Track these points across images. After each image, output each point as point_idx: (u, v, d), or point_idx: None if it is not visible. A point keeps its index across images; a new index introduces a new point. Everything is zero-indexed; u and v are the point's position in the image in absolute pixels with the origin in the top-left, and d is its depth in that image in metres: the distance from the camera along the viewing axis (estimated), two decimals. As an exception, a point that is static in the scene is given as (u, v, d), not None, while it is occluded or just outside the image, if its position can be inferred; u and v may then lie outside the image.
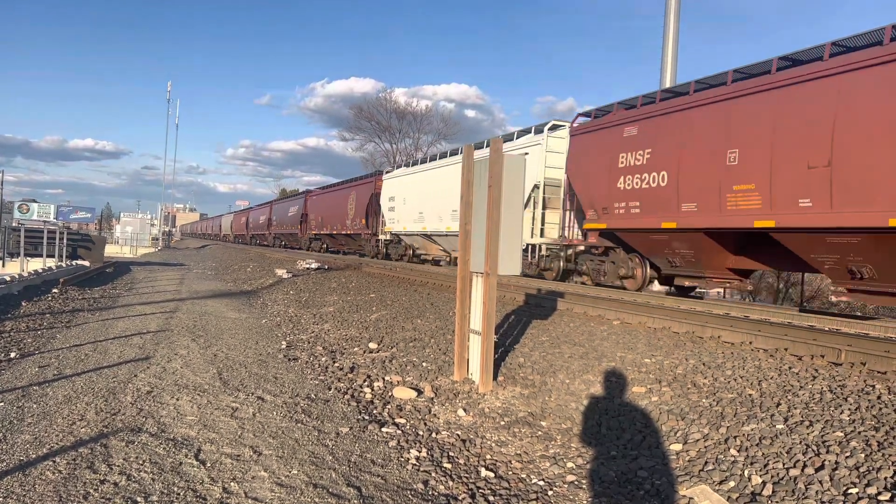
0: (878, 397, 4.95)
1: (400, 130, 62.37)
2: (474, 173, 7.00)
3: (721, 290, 18.56)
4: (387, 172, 28.94)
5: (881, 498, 3.59)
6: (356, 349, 9.02)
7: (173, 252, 48.20)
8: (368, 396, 6.59)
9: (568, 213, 15.12)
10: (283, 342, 9.70)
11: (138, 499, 3.89)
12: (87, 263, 22.63)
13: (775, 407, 5.10)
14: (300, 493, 4.11)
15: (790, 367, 5.98)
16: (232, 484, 4.18)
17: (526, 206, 16.93)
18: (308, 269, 21.23)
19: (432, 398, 6.50)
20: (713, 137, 10.67)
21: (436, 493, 4.24)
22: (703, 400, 5.60)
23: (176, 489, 4.05)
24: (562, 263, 16.18)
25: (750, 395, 5.48)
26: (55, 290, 14.32)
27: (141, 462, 4.47)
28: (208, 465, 4.50)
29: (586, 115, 14.43)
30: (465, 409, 6.12)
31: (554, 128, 16.53)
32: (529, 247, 16.33)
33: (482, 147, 18.15)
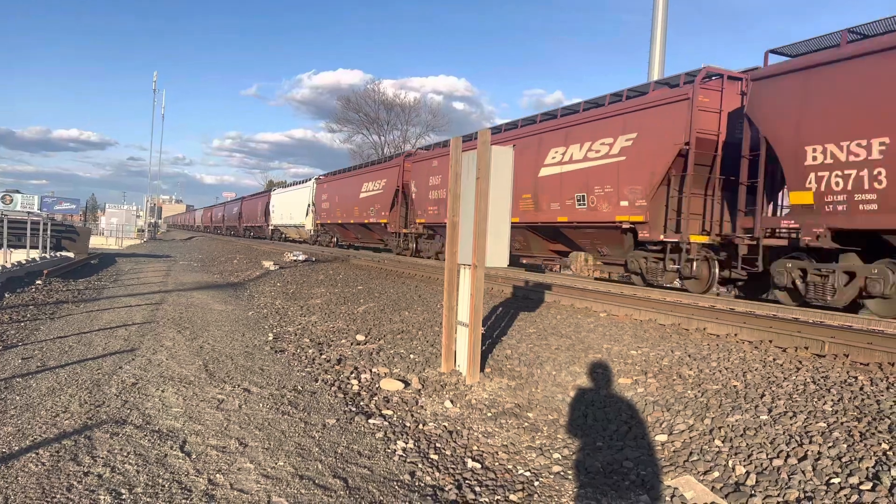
0: (861, 388, 5.00)
1: (388, 122, 62.29)
2: (462, 165, 6.99)
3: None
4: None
5: (863, 487, 3.63)
6: (343, 341, 9.00)
7: (159, 244, 47.87)
8: (355, 388, 6.58)
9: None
10: (270, 334, 9.66)
11: (122, 491, 3.86)
12: (71, 255, 22.42)
13: (759, 398, 5.15)
14: (286, 484, 4.10)
15: (774, 359, 6.04)
16: (217, 476, 4.17)
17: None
18: (295, 261, 21.16)
19: (419, 390, 6.51)
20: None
21: (422, 485, 4.24)
22: (689, 391, 5.64)
23: (161, 481, 4.03)
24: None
25: (735, 386, 5.52)
26: (39, 282, 14.18)
27: (125, 454, 4.44)
28: (193, 456, 4.48)
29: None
30: (452, 401, 6.12)
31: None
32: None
33: (470, 139, 18.06)
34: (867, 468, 3.81)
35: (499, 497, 4.14)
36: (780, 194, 11.46)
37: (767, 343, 6.62)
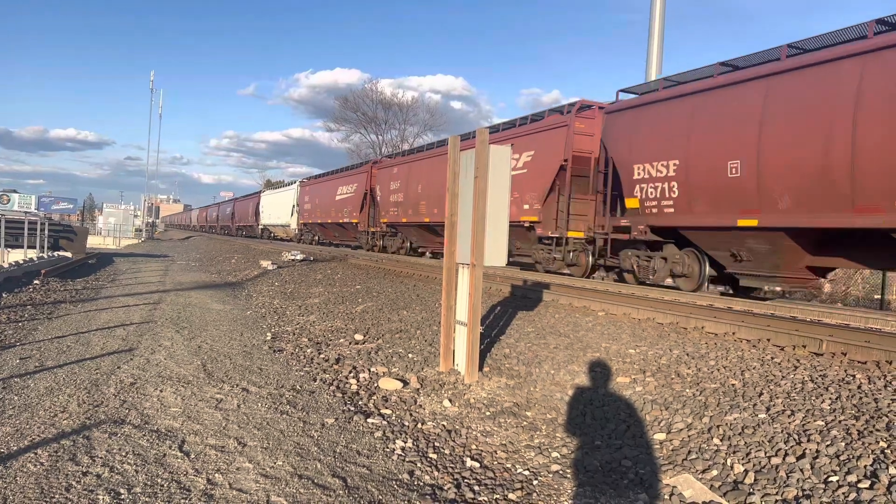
0: (859, 387, 5.01)
1: (386, 121, 62.25)
2: (460, 164, 6.99)
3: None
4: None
5: (861, 485, 3.64)
6: (342, 340, 9.00)
7: (157, 243, 47.81)
8: (354, 387, 6.58)
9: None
10: (268, 333, 9.66)
11: (121, 490, 3.86)
12: (69, 255, 22.38)
13: (758, 396, 5.16)
14: (285, 483, 4.10)
15: (772, 358, 6.05)
16: (216, 475, 4.17)
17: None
18: (293, 260, 21.15)
19: (418, 389, 6.51)
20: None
21: (421, 484, 4.24)
22: (687, 390, 5.65)
23: (160, 481, 4.03)
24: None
25: (733, 384, 5.53)
26: (36, 282, 14.16)
27: (124, 454, 4.44)
28: (192, 456, 4.48)
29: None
30: (450, 400, 6.13)
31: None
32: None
33: (468, 138, 18.27)
34: (865, 466, 3.82)
35: (498, 496, 4.14)
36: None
37: (765, 341, 6.63)
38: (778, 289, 11.62)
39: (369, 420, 5.50)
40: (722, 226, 10.55)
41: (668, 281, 12.50)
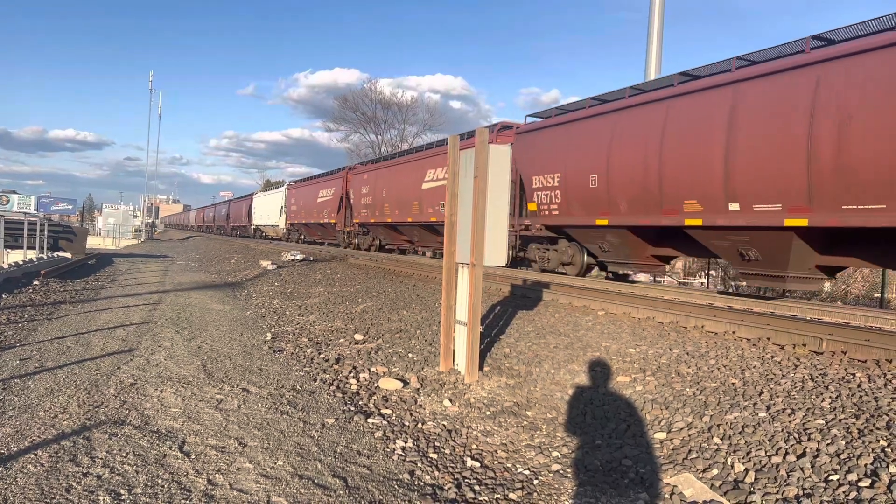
0: (859, 385, 5.01)
1: (385, 121, 62.21)
2: (460, 164, 6.99)
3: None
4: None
5: (861, 484, 3.64)
6: (342, 340, 9.00)
7: (157, 244, 47.78)
8: (354, 387, 6.58)
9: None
10: (268, 334, 9.66)
11: (122, 491, 3.86)
12: (68, 255, 22.38)
13: (758, 395, 5.16)
14: (285, 484, 4.10)
15: (772, 356, 6.05)
16: (217, 476, 4.17)
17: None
18: (293, 260, 21.14)
19: (418, 389, 6.51)
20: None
21: (422, 483, 4.24)
22: (687, 389, 5.65)
23: (160, 481, 4.03)
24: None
25: (733, 383, 5.53)
26: (36, 283, 14.15)
27: (124, 454, 4.44)
28: (193, 457, 4.48)
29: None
30: (450, 400, 6.13)
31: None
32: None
33: (468, 138, 18.70)
34: (865, 465, 3.82)
35: (498, 496, 4.14)
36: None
37: (765, 340, 6.63)
38: (631, 273, 14.43)
39: (369, 420, 5.50)
40: (588, 224, 13.54)
41: (560, 268, 15.28)
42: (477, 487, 4.24)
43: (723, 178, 10.13)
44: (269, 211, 46.24)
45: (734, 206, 10.03)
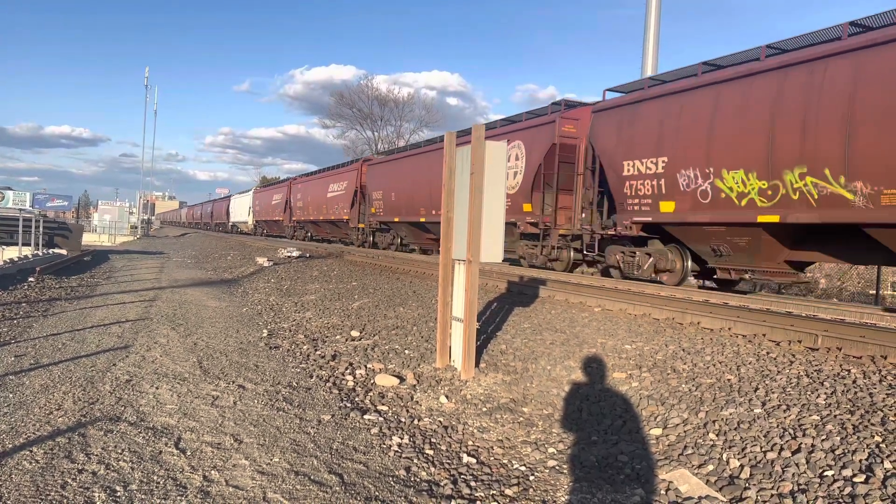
0: (854, 381, 5.03)
1: (382, 118, 62.07)
2: (456, 161, 6.98)
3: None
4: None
5: (856, 480, 3.65)
6: (338, 337, 9.00)
7: (152, 240, 47.68)
8: (350, 384, 6.58)
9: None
10: (265, 330, 9.65)
11: (117, 488, 3.85)
12: (64, 252, 22.29)
13: (753, 392, 5.17)
14: (281, 480, 4.09)
15: (768, 353, 6.06)
16: (213, 472, 4.16)
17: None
18: (289, 257, 21.11)
19: (414, 385, 6.51)
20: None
21: (418, 480, 4.25)
22: (683, 385, 5.66)
23: (156, 478, 4.02)
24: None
25: (728, 380, 5.54)
26: (31, 279, 14.11)
27: (120, 451, 4.43)
28: (188, 453, 4.47)
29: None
30: (447, 396, 6.13)
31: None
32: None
33: (465, 135, 18.29)
34: (860, 461, 3.83)
35: (494, 492, 4.14)
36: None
37: (761, 337, 6.64)
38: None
39: (366, 416, 5.50)
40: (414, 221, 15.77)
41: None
42: (473, 483, 4.24)
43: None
44: (242, 210, 52.87)
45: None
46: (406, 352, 7.81)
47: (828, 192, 8.57)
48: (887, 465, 3.73)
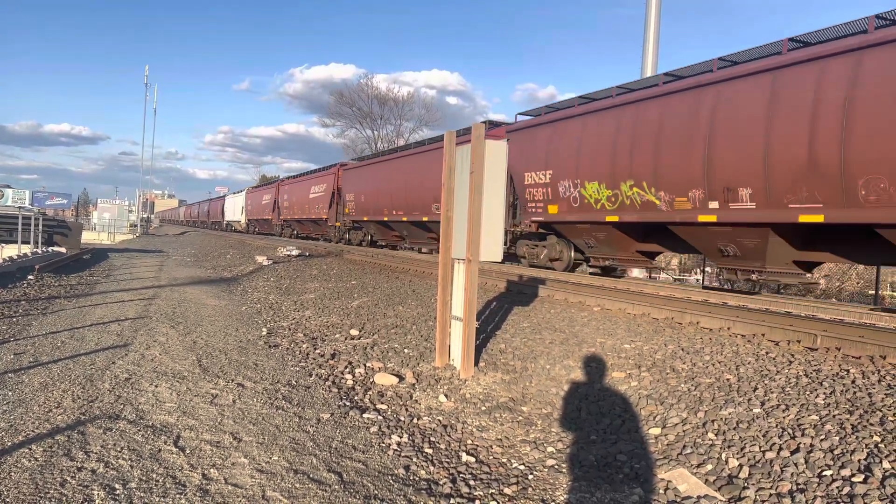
0: (853, 381, 5.03)
1: (381, 117, 62.00)
2: (456, 160, 6.98)
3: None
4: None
5: (855, 479, 3.66)
6: (337, 336, 9.00)
7: (152, 239, 47.66)
8: (350, 383, 6.58)
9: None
10: (264, 329, 9.65)
11: (116, 486, 3.85)
12: (63, 250, 22.29)
13: (752, 391, 5.17)
14: (281, 478, 4.09)
15: (767, 353, 6.06)
16: (212, 470, 4.16)
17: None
18: (289, 256, 21.10)
19: (414, 384, 6.51)
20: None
21: (417, 479, 4.25)
22: (682, 385, 5.66)
23: (155, 476, 4.02)
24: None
25: (728, 379, 5.55)
26: (31, 277, 14.10)
27: (119, 449, 4.43)
28: (188, 451, 4.47)
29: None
30: (446, 395, 6.13)
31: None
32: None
33: (464, 134, 18.48)
34: (859, 460, 3.84)
35: (493, 490, 4.14)
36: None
37: (760, 337, 6.65)
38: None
39: (365, 415, 5.50)
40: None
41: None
42: (472, 482, 4.24)
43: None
44: (235, 209, 56.18)
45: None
46: (405, 351, 7.81)
47: (646, 199, 11.23)
48: (886, 464, 3.73)
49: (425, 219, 19.97)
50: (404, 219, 21.48)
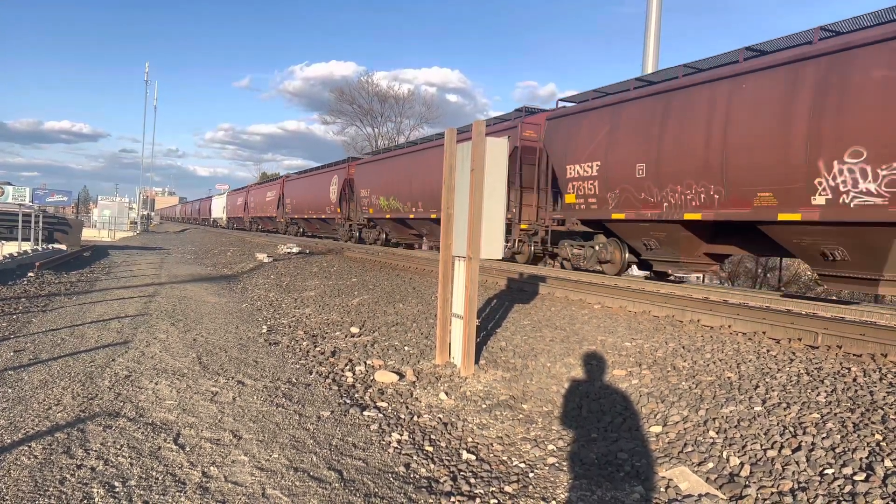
0: (854, 379, 5.02)
1: (382, 114, 61.92)
2: (457, 157, 6.96)
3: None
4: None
5: (856, 478, 3.65)
6: (338, 333, 8.99)
7: (152, 236, 47.64)
8: (350, 380, 6.57)
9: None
10: (264, 326, 9.64)
11: (116, 483, 3.85)
12: (63, 247, 22.29)
13: (753, 389, 5.16)
14: (281, 476, 4.09)
15: (768, 350, 6.05)
16: (212, 468, 4.15)
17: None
18: (289, 253, 21.10)
19: (414, 382, 6.50)
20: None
21: (417, 476, 4.24)
22: (683, 383, 5.65)
23: (154, 473, 4.02)
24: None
25: (728, 377, 5.54)
26: (31, 275, 14.09)
27: (119, 447, 4.42)
28: (187, 449, 4.46)
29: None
30: (446, 393, 6.12)
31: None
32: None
33: (465, 132, 18.29)
34: (861, 459, 3.83)
35: (494, 489, 4.14)
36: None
37: (761, 334, 6.64)
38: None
39: (365, 413, 5.49)
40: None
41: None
42: (472, 480, 4.24)
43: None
44: (218, 208, 65.27)
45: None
46: (406, 348, 7.81)
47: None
48: (888, 463, 3.72)
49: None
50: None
